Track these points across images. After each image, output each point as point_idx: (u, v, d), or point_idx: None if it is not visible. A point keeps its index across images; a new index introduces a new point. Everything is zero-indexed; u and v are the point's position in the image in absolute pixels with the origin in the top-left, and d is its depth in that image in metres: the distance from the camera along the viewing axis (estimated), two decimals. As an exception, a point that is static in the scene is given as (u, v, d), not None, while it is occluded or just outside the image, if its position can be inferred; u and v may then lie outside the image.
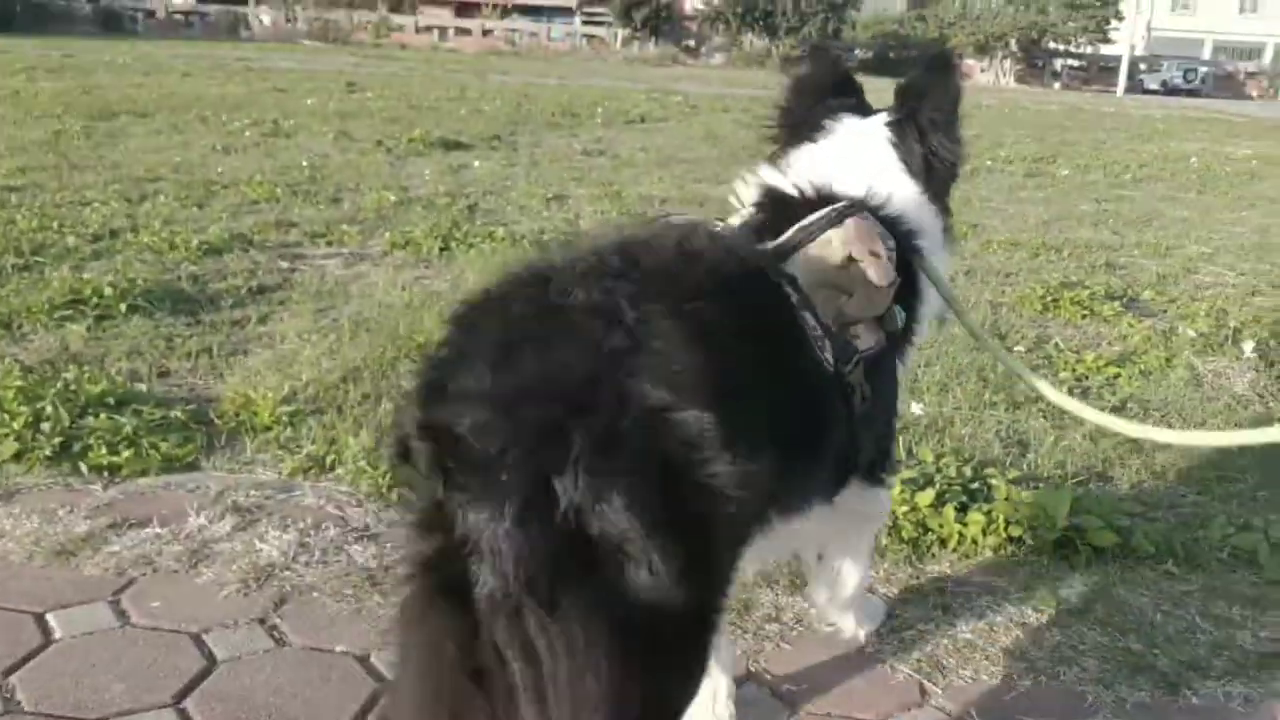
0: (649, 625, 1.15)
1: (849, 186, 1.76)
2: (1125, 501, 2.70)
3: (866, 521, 1.99)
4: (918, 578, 2.42)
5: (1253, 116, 25.95)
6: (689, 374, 1.19)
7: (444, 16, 55.76)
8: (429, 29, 51.38)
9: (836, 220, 1.67)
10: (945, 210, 1.92)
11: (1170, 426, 3.42)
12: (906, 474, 2.74)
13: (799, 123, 1.93)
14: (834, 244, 1.65)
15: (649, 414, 1.14)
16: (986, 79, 53.70)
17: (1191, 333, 4.50)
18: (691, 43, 54.72)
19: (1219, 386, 3.87)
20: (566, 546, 1.09)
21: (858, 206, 1.72)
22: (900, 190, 1.82)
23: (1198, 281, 5.80)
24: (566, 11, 62.02)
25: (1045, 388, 2.00)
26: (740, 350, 1.33)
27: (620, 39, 51.67)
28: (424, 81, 18.97)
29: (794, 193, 1.76)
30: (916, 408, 3.40)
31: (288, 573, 2.33)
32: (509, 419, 1.09)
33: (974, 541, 2.54)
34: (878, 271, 1.65)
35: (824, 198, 1.73)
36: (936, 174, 1.86)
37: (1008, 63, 54.76)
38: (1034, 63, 56.23)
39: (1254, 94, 54.42)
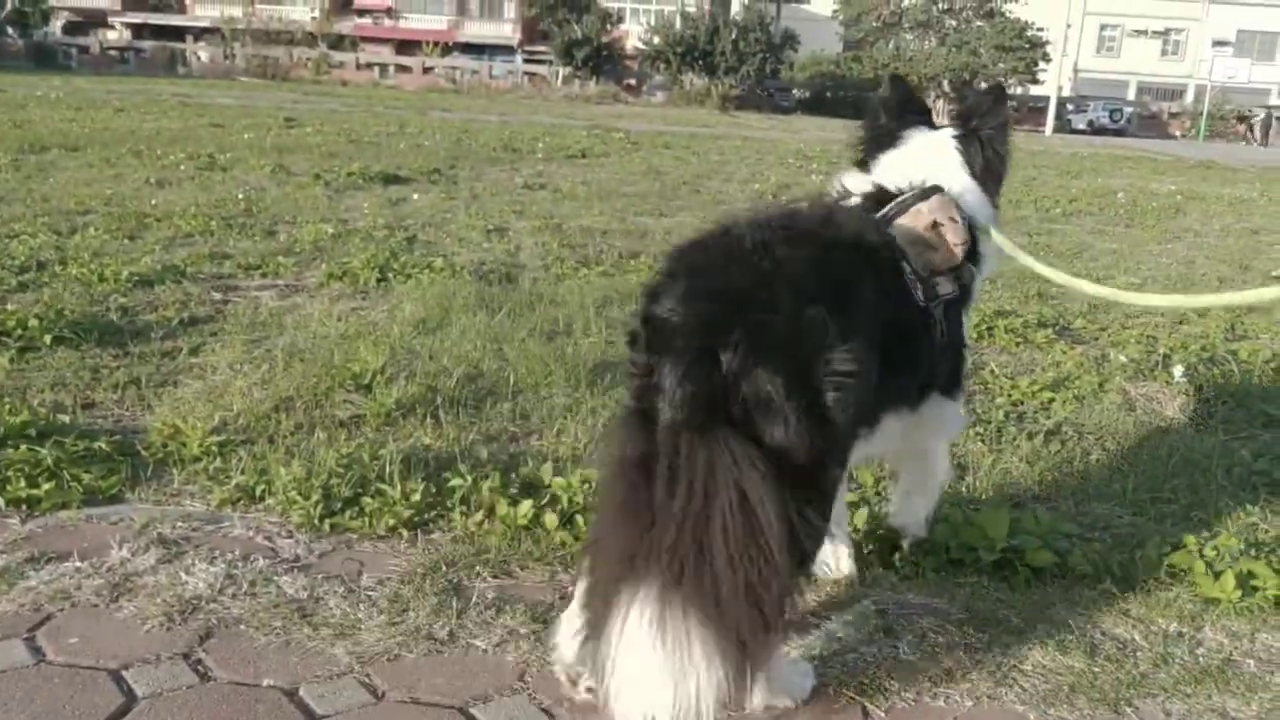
0: (780, 466, 1.63)
1: (927, 179, 2.27)
2: (1063, 522, 2.71)
3: (942, 429, 2.43)
4: (860, 599, 2.40)
5: (1176, 155, 26.72)
6: (816, 290, 1.72)
7: (384, 54, 55.73)
8: (369, 66, 51.32)
9: (923, 196, 2.20)
10: (995, 201, 2.42)
11: (1104, 450, 3.46)
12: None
13: (883, 134, 2.42)
14: (923, 213, 2.17)
15: (788, 314, 1.67)
16: (921, 118, 54.72)
17: (1123, 359, 4.58)
18: (632, 81, 55.20)
19: (1151, 410, 3.93)
20: (722, 398, 1.61)
21: (937, 189, 2.24)
22: (964, 183, 2.33)
23: (1128, 310, 5.91)
24: (508, 50, 62.28)
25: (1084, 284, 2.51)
26: (858, 279, 1.87)
27: (561, 77, 51.99)
28: (364, 117, 18.90)
29: (889, 185, 2.28)
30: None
31: (214, 605, 2.25)
32: (691, 311, 1.66)
33: (915, 563, 2.54)
34: (955, 233, 2.18)
35: (909, 188, 2.24)
36: (991, 173, 2.38)
37: (941, 103, 55.93)
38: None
39: (1177, 133, 56.13)
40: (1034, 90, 54.63)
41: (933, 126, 2.44)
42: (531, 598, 2.35)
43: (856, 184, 2.34)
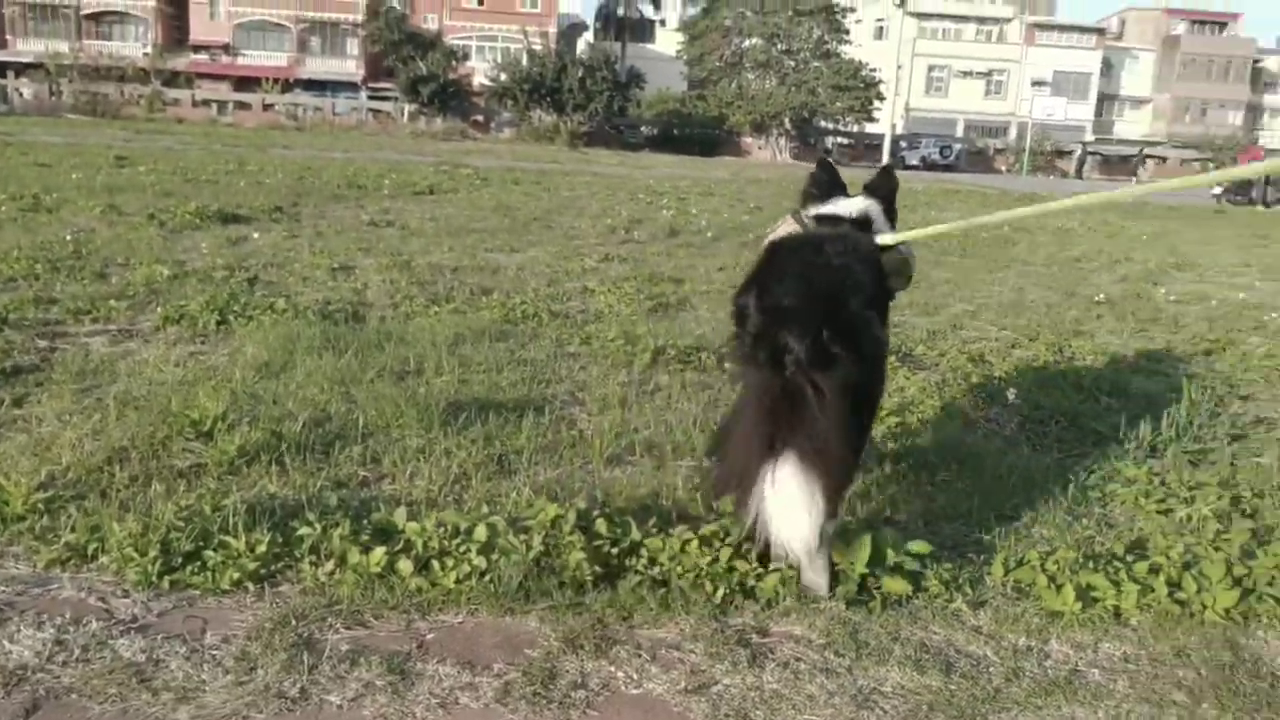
0: (855, 397, 2.54)
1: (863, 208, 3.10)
2: (914, 543, 2.77)
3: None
4: (723, 630, 2.40)
5: (1002, 189, 28.18)
6: (867, 289, 2.67)
7: (222, 90, 54.18)
8: (206, 103, 49.80)
9: (881, 230, 3.06)
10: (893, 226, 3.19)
11: (950, 471, 3.57)
12: (707, 529, 2.74)
13: (816, 196, 3.16)
14: (886, 239, 2.98)
15: (854, 307, 2.57)
16: (765, 155, 56.30)
17: (964, 382, 4.76)
18: (480, 117, 55.05)
19: (991, 431, 4.09)
20: (826, 354, 2.43)
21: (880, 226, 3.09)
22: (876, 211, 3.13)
23: (964, 337, 6.16)
24: (351, 86, 61.29)
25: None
26: (875, 280, 2.78)
27: (407, 114, 51.46)
28: (201, 155, 18.26)
29: (845, 215, 3.05)
30: (710, 462, 3.44)
31: (42, 675, 2.09)
32: (802, 301, 2.53)
33: (776, 591, 2.56)
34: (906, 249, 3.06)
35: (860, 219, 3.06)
36: (890, 216, 3.18)
37: (783, 140, 57.65)
38: (807, 140, 59.40)
39: (1002, 168, 59.27)
40: (870, 128, 56.98)
41: (846, 195, 3.20)
42: (387, 648, 2.26)
43: (814, 218, 3.06)
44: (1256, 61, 75.95)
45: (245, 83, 56.23)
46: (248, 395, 3.89)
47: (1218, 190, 29.63)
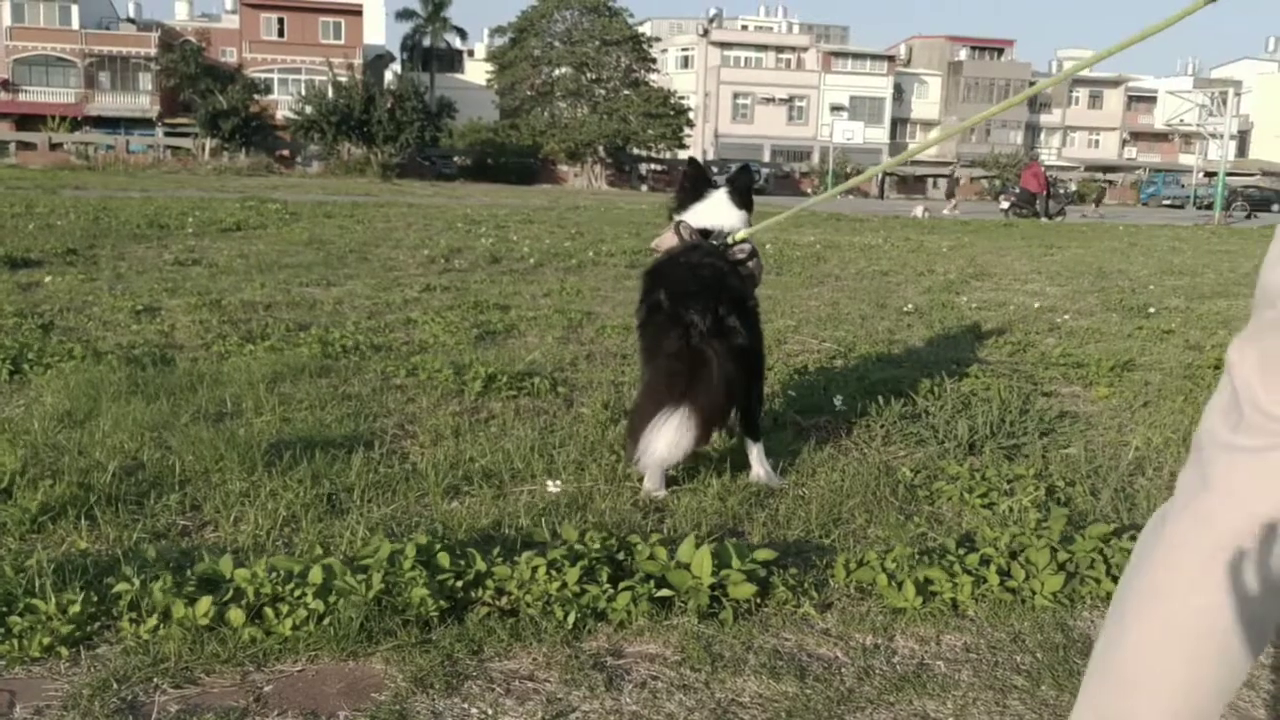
0: (745, 356, 3.48)
1: (721, 221, 3.78)
2: (759, 551, 2.79)
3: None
4: (577, 656, 2.35)
5: (810, 209, 29.23)
6: (739, 281, 3.59)
7: (3, 130, 50.86)
8: (-17, 142, 46.64)
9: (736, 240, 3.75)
10: (749, 217, 3.87)
11: (786, 479, 3.63)
12: (554, 553, 2.69)
13: (689, 195, 3.85)
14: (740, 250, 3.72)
15: (735, 289, 3.52)
16: (580, 183, 56.76)
17: (792, 393, 4.87)
18: (286, 151, 53.46)
19: (822, 439, 4.19)
20: (722, 326, 3.37)
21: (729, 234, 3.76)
22: (736, 214, 3.81)
23: (788, 350, 6.32)
24: (146, 123, 58.57)
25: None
26: (743, 279, 3.63)
27: (208, 149, 49.47)
28: (-21, 197, 17.01)
29: (705, 227, 3.76)
30: (554, 486, 3.39)
31: None
32: (705, 290, 3.42)
33: (628, 611, 2.52)
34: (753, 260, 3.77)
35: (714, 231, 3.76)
36: (747, 205, 3.88)
37: (598, 168, 58.29)
38: (622, 167, 60.27)
39: (808, 190, 61.56)
40: (681, 154, 58.34)
41: (715, 187, 3.87)
42: (221, 704, 2.11)
43: (693, 224, 3.76)
44: (1031, 84, 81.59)
45: (29, 121, 53.00)
46: (49, 447, 3.61)
47: (1005, 205, 31.63)
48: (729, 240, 3.70)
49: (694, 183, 3.89)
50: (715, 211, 3.78)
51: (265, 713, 2.10)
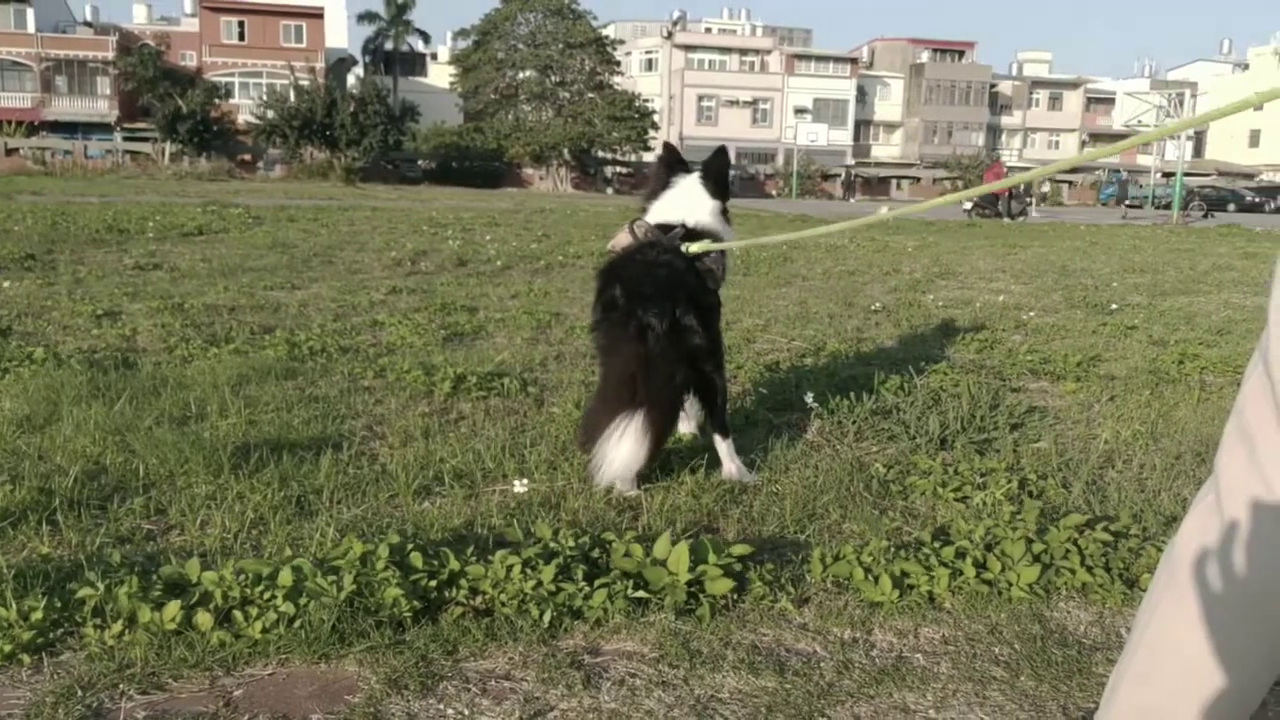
0: (693, 356, 3.43)
1: (688, 213, 3.71)
2: (735, 546, 2.77)
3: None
4: (554, 654, 2.32)
5: (775, 211, 29.40)
6: (689, 280, 3.49)
7: (-45, 134, 50.03)
8: (-64, 148, 45.90)
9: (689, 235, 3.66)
10: (726, 209, 3.85)
11: (760, 475, 3.62)
12: (528, 552, 2.65)
13: (663, 181, 3.81)
14: (693, 248, 3.59)
15: (690, 289, 3.45)
16: (546, 186, 56.66)
17: (763, 391, 4.86)
18: (247, 156, 53.00)
19: (794, 436, 4.18)
20: (676, 325, 3.34)
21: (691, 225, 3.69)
22: (708, 204, 3.76)
23: (758, 349, 6.32)
24: (104, 128, 57.86)
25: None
26: (699, 278, 3.56)
27: (168, 154, 48.90)
28: (-67, 203, 16.71)
29: (668, 221, 3.68)
30: (520, 486, 3.35)
31: None
32: (652, 287, 3.38)
33: (604, 609, 2.50)
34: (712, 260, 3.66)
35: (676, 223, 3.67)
36: (721, 190, 3.82)
37: (564, 170, 58.22)
38: (587, 170, 60.23)
39: (773, 192, 61.85)
40: (647, 157, 58.36)
41: (689, 172, 3.83)
42: (190, 710, 2.06)
43: (653, 219, 3.70)
44: (993, 86, 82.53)
45: (-17, 126, 52.08)
46: (8, 452, 3.53)
47: (968, 205, 31.88)
48: (687, 249, 3.57)
49: (668, 168, 3.83)
50: (687, 199, 3.72)
51: (235, 717, 2.05)
